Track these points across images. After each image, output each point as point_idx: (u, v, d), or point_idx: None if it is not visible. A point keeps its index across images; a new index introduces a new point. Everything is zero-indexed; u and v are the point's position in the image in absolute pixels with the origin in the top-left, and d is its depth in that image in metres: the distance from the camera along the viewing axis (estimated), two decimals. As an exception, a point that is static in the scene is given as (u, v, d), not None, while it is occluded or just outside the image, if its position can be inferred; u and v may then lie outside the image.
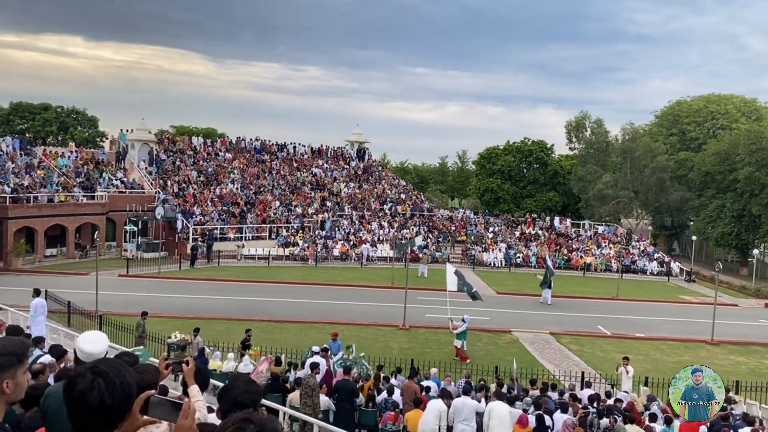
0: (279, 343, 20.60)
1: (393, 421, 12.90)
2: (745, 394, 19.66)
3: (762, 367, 24.59)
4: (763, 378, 20.90)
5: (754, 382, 20.00)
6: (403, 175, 78.04)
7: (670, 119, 66.47)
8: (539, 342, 26.16)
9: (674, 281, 45.34)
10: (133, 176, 47.25)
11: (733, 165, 49.28)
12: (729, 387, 19.88)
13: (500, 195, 65.56)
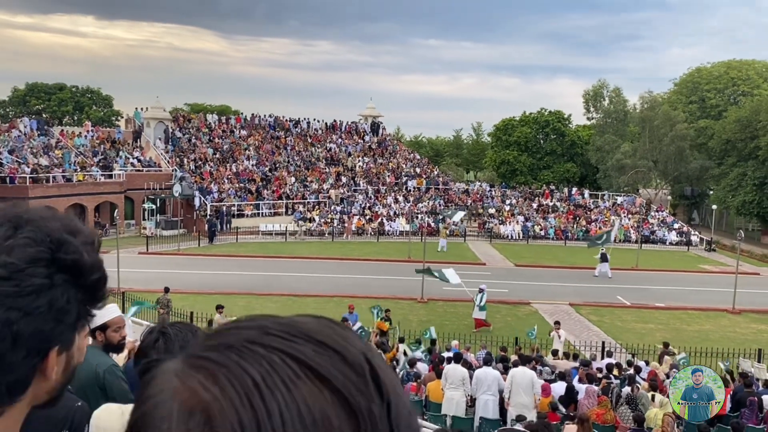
0: (299, 317, 20.73)
1: (415, 392, 12.98)
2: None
3: (785, 335, 24.38)
4: (787, 346, 20.72)
5: (777, 350, 19.85)
6: (418, 149, 77.68)
7: (690, 87, 65.25)
8: (559, 313, 26.09)
9: (694, 251, 44.91)
10: (150, 154, 47.48)
11: (754, 132, 48.40)
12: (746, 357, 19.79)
13: (517, 167, 65.07)
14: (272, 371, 0.54)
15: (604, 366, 15.66)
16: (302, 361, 0.55)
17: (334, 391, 0.54)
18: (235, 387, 0.53)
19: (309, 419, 0.52)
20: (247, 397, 0.53)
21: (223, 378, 0.54)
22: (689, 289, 31.79)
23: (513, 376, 11.92)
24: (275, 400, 0.52)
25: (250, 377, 0.53)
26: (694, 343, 21.04)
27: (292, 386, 0.53)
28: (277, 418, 0.52)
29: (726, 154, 53.48)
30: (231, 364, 0.55)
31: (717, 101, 62.03)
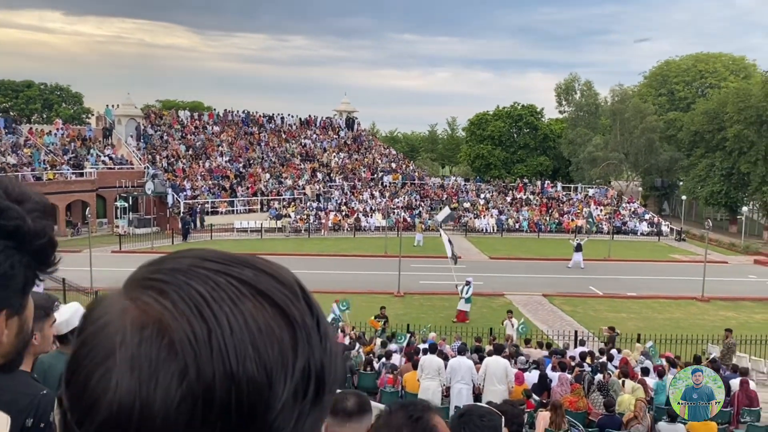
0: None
1: (392, 383, 13.11)
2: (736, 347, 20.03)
3: (751, 322, 25.03)
4: (752, 332, 21.31)
5: (744, 336, 20.38)
6: (393, 144, 77.82)
7: (659, 79, 66.33)
8: (532, 304, 26.48)
9: (665, 241, 45.78)
10: (121, 152, 46.90)
11: (721, 124, 49.39)
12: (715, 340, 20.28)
13: (491, 161, 65.56)
14: (218, 288, 0.59)
15: (577, 354, 15.96)
16: (243, 280, 0.61)
17: (274, 305, 0.61)
18: (185, 300, 0.58)
19: (254, 327, 0.58)
20: (197, 308, 0.57)
21: (172, 293, 0.59)
22: (660, 278, 32.44)
23: (487, 365, 12.10)
24: (223, 312, 0.58)
25: (198, 292, 0.58)
26: (664, 330, 21.49)
27: (237, 300, 0.59)
28: (227, 327, 0.57)
29: (695, 146, 54.49)
30: (179, 282, 0.60)
31: (685, 94, 63.16)
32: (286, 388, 0.58)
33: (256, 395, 0.57)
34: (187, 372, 0.55)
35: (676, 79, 64.50)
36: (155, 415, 0.55)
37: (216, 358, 0.56)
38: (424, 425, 1.63)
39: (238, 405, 0.56)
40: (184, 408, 0.55)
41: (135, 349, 0.56)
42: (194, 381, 0.55)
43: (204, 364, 0.56)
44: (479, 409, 2.43)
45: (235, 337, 0.57)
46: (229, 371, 0.56)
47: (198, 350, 0.56)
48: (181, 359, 0.56)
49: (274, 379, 0.58)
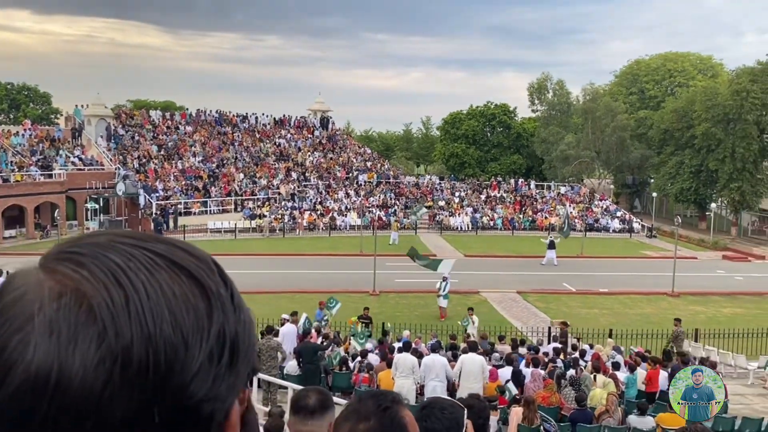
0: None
1: (367, 382, 13.11)
2: (704, 340, 20.46)
3: (719, 316, 25.56)
4: (721, 325, 21.74)
5: (712, 330, 20.81)
6: (368, 143, 77.76)
7: (630, 78, 67.25)
8: (506, 301, 26.69)
9: (636, 237, 46.48)
10: (91, 153, 46.15)
11: (690, 122, 50.26)
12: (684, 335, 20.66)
13: (465, 159, 65.88)
14: (134, 259, 0.62)
15: (551, 350, 16.14)
16: (159, 253, 0.64)
17: (190, 276, 0.64)
18: (102, 270, 0.60)
19: (170, 294, 0.61)
20: (114, 276, 0.60)
21: (90, 264, 0.61)
22: (631, 274, 32.93)
23: (463, 362, 12.15)
24: (140, 280, 0.60)
25: (115, 263, 0.61)
26: (636, 326, 21.84)
27: (153, 270, 0.62)
28: (143, 293, 0.60)
29: (664, 144, 55.36)
30: (96, 254, 0.62)
31: (655, 92, 64.13)
32: (202, 350, 0.61)
33: (173, 355, 0.59)
34: (105, 335, 0.57)
35: (646, 78, 65.47)
36: (73, 377, 0.56)
37: (134, 321, 0.58)
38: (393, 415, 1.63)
39: (156, 365, 0.58)
40: (102, 369, 0.56)
41: (53, 314, 0.58)
42: (113, 343, 0.57)
43: (122, 327, 0.58)
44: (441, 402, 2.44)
45: (152, 302, 0.59)
46: (146, 333, 0.58)
47: (116, 314, 0.58)
48: (100, 323, 0.57)
49: (190, 342, 0.60)
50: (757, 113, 45.87)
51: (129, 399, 0.57)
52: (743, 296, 29.03)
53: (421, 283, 28.38)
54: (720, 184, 48.55)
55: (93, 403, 0.56)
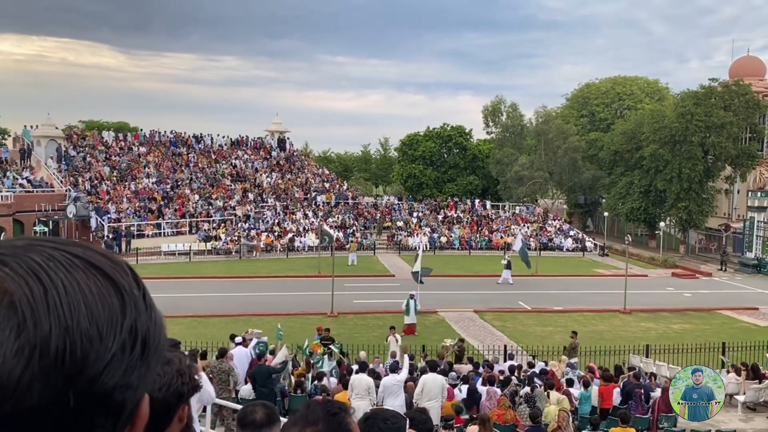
0: (204, 338, 20.24)
1: (323, 404, 12.98)
2: (655, 356, 20.95)
3: (669, 332, 26.24)
4: (671, 341, 22.35)
5: (663, 345, 21.36)
6: (327, 164, 77.75)
7: (580, 101, 69.20)
8: (464, 320, 26.88)
9: (589, 256, 47.50)
10: (41, 174, 44.94)
11: (639, 143, 51.87)
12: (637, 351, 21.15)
13: (423, 180, 66.44)
14: (53, 259, 0.67)
15: (507, 368, 16.30)
16: (76, 254, 0.69)
17: (105, 276, 0.69)
18: (23, 267, 0.65)
19: (87, 290, 0.67)
20: (34, 273, 0.65)
21: (11, 262, 0.66)
22: (585, 292, 33.58)
23: (424, 383, 12.13)
24: (58, 277, 0.66)
25: (35, 261, 0.66)
26: (590, 342, 22.22)
27: (71, 269, 0.67)
28: (62, 288, 0.65)
29: (615, 164, 56.94)
30: (17, 254, 0.67)
31: (605, 115, 66.11)
32: (115, 341, 0.66)
33: (89, 346, 0.64)
34: (25, 325, 0.62)
35: (596, 101, 67.47)
36: None
37: (52, 313, 0.63)
38: (340, 421, 1.68)
39: (72, 354, 0.63)
40: (21, 357, 0.61)
41: None
42: (32, 333, 0.62)
43: (41, 319, 0.63)
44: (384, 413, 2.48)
45: (69, 297, 0.65)
46: (64, 325, 0.63)
47: (35, 307, 0.63)
48: (20, 314, 0.62)
49: (104, 333, 0.66)
50: (701, 135, 47.65)
51: (45, 385, 0.62)
52: (692, 312, 29.89)
53: (379, 304, 28.39)
54: (668, 204, 50.10)
55: (11, 389, 0.61)
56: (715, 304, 31.35)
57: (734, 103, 48.55)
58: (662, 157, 49.18)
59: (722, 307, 30.77)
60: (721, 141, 47.19)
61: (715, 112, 47.50)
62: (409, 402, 12.38)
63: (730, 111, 48.02)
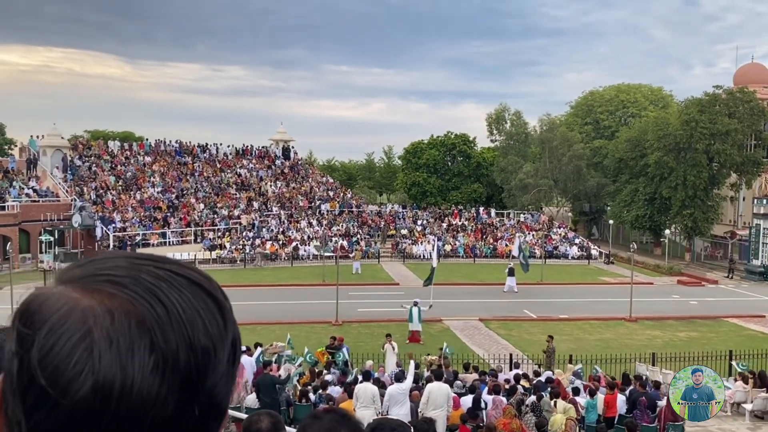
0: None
1: (328, 413, 12.96)
2: (661, 364, 20.84)
3: (675, 339, 26.11)
4: (677, 349, 22.23)
5: (669, 353, 21.24)
6: (331, 173, 77.92)
7: (585, 109, 69.23)
8: (469, 329, 26.81)
9: (594, 264, 47.36)
10: (47, 184, 45.14)
11: (643, 151, 51.83)
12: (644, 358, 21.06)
13: (427, 188, 66.47)
14: (160, 278, 0.72)
15: (512, 377, 16.23)
16: (175, 272, 0.74)
17: (205, 291, 0.75)
18: (141, 288, 0.70)
19: (198, 307, 0.73)
20: (153, 294, 0.70)
21: (129, 284, 0.70)
22: (590, 300, 33.47)
23: (430, 392, 12.08)
24: (173, 296, 0.71)
25: (149, 282, 0.71)
26: (595, 351, 22.15)
27: (179, 288, 0.73)
28: (180, 307, 0.71)
29: (619, 172, 56.89)
30: (130, 275, 0.72)
31: (609, 122, 66.11)
32: (225, 354, 0.73)
33: (207, 360, 0.70)
34: (157, 344, 0.68)
35: (600, 108, 67.49)
36: (134, 382, 0.66)
37: (177, 331, 0.69)
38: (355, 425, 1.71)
39: (196, 368, 0.69)
40: (156, 374, 0.67)
41: (110, 327, 0.67)
42: (164, 350, 0.68)
43: (169, 337, 0.68)
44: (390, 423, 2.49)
45: (187, 314, 0.71)
46: (187, 341, 0.69)
47: (162, 325, 0.68)
48: (150, 333, 0.68)
49: (217, 348, 0.72)
50: (705, 142, 47.58)
51: (177, 398, 0.68)
52: (698, 320, 29.74)
53: (383, 312, 28.36)
54: (673, 211, 49.99)
55: (150, 405, 0.66)
56: (722, 311, 31.20)
57: (739, 111, 48.50)
58: (667, 164, 49.12)
59: (729, 314, 30.62)
60: (726, 148, 47.12)
61: (720, 119, 47.46)
62: (415, 411, 12.35)
63: (735, 118, 47.96)
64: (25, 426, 0.67)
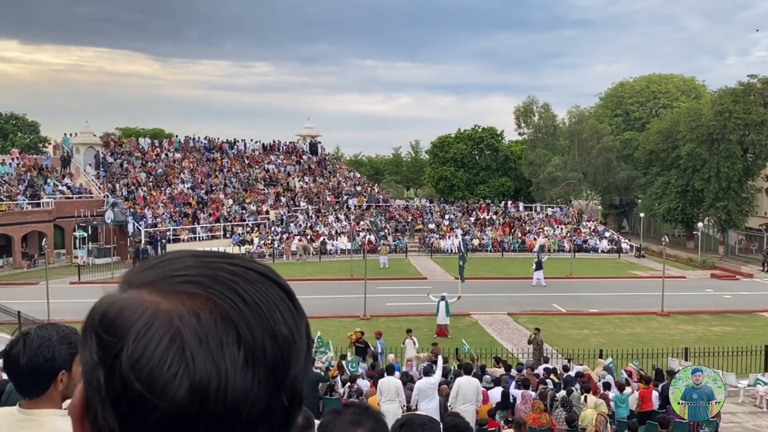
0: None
1: (357, 407, 13.01)
2: (694, 359, 20.49)
3: (709, 334, 25.64)
4: (710, 344, 21.82)
5: (703, 348, 20.86)
6: (358, 168, 78.05)
7: (614, 101, 68.16)
8: (497, 323, 26.67)
9: (625, 258, 46.70)
10: (80, 181, 46.04)
11: (675, 142, 50.90)
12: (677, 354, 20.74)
13: (454, 182, 66.22)
14: (236, 275, 0.72)
15: (541, 371, 16.12)
16: (247, 267, 0.75)
17: (276, 283, 0.76)
18: (219, 285, 0.70)
19: (274, 298, 0.73)
20: (232, 290, 0.70)
21: (206, 282, 0.71)
22: (621, 294, 33.02)
23: (459, 385, 12.05)
24: (250, 290, 0.71)
25: (225, 278, 0.71)
26: (626, 345, 21.89)
27: (254, 282, 0.73)
28: (258, 300, 0.71)
29: (650, 164, 55.96)
30: (206, 273, 0.72)
31: (640, 114, 65.00)
32: (303, 343, 0.74)
33: (289, 350, 0.71)
34: (244, 338, 0.68)
35: (630, 99, 66.38)
36: (229, 378, 0.66)
37: (260, 323, 0.69)
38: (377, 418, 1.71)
39: (282, 359, 0.70)
40: (248, 368, 0.67)
41: (197, 326, 0.67)
42: (251, 344, 0.68)
43: (254, 330, 0.68)
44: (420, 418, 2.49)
45: (266, 307, 0.71)
46: (271, 332, 0.70)
47: (247, 319, 0.69)
48: (235, 328, 0.68)
49: (296, 337, 0.73)
50: (739, 133, 46.54)
51: (267, 391, 0.68)
52: (732, 314, 29.16)
53: (412, 307, 28.37)
54: (706, 204, 49.04)
55: (245, 399, 0.67)
56: (757, 306, 30.53)
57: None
58: (700, 156, 48.18)
59: (765, 309, 29.94)
60: (761, 139, 46.05)
61: (755, 109, 46.36)
62: (444, 405, 12.34)
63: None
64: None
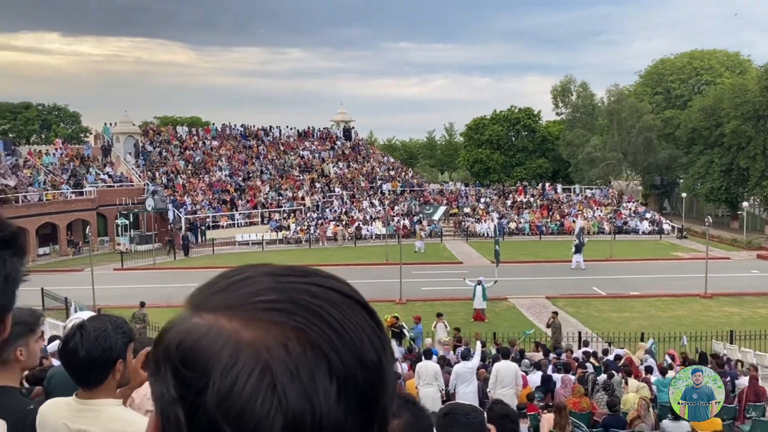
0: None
1: (395, 391, 13.06)
2: (740, 342, 20.01)
3: (755, 316, 24.95)
4: (757, 326, 21.24)
5: (748, 331, 20.34)
6: (392, 152, 77.91)
7: (655, 78, 66.38)
8: (536, 307, 26.43)
9: (666, 239, 45.70)
10: (121, 170, 47.03)
11: (719, 120, 49.42)
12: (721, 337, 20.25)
13: (490, 165, 65.59)
14: (319, 298, 0.67)
15: (581, 355, 15.94)
16: (328, 287, 0.69)
17: (358, 304, 0.70)
18: (305, 311, 0.65)
19: (359, 322, 0.68)
20: (318, 316, 0.65)
21: (290, 308, 0.66)
22: (663, 276, 32.36)
23: (498, 370, 11.99)
24: (335, 315, 0.66)
25: (309, 303, 0.66)
26: (668, 328, 21.47)
27: (338, 304, 0.68)
28: (345, 325, 0.66)
29: (693, 143, 54.51)
30: (288, 299, 0.66)
31: (681, 91, 63.18)
32: (389, 365, 0.69)
33: (379, 375, 0.67)
34: (335, 368, 0.63)
35: (671, 77, 64.54)
36: (324, 412, 0.61)
37: (349, 350, 0.65)
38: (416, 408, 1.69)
39: (371, 387, 0.65)
40: (342, 399, 0.63)
41: (287, 359, 0.62)
42: (343, 374, 0.63)
43: (345, 358, 0.64)
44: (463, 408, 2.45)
45: (354, 331, 0.66)
46: (360, 360, 0.65)
47: (336, 348, 0.64)
48: (326, 358, 0.63)
49: (383, 361, 0.68)
50: (788, 109, 44.95)
51: (360, 422, 0.64)
52: (780, 296, 28.33)
53: (448, 291, 28.32)
54: (752, 183, 47.59)
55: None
56: (807, 287, 29.59)
57: (825, 73, 45.49)
58: (745, 133, 46.71)
59: (814, 290, 29.01)
60: (810, 114, 44.37)
61: (804, 83, 44.67)
62: (482, 389, 12.30)
63: (821, 82, 45.03)
64: None
